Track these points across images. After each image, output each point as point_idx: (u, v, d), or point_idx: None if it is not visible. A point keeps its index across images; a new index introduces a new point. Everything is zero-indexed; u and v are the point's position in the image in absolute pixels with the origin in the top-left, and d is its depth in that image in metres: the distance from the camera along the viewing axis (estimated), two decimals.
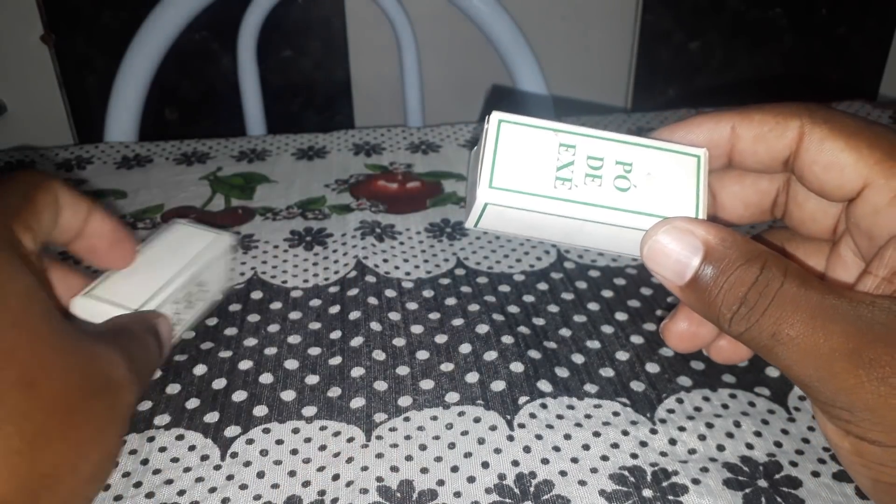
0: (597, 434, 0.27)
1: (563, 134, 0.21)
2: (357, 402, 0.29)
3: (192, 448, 0.27)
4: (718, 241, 0.20)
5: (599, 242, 0.22)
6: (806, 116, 0.22)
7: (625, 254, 0.22)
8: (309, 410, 0.29)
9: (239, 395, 0.29)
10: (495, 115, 0.21)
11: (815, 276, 0.20)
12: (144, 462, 0.26)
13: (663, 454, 0.26)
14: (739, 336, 0.20)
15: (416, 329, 0.33)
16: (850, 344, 0.18)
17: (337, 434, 0.27)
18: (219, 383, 0.30)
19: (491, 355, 0.31)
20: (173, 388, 0.30)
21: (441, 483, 0.25)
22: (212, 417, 0.28)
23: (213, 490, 0.25)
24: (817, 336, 0.18)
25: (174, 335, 0.29)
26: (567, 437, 0.27)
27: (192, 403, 0.29)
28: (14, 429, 0.18)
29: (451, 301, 0.35)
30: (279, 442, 0.27)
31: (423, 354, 0.31)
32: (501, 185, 0.20)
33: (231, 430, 0.28)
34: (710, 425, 0.28)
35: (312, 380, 0.30)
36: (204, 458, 0.26)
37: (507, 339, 0.32)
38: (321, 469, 0.26)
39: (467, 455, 0.26)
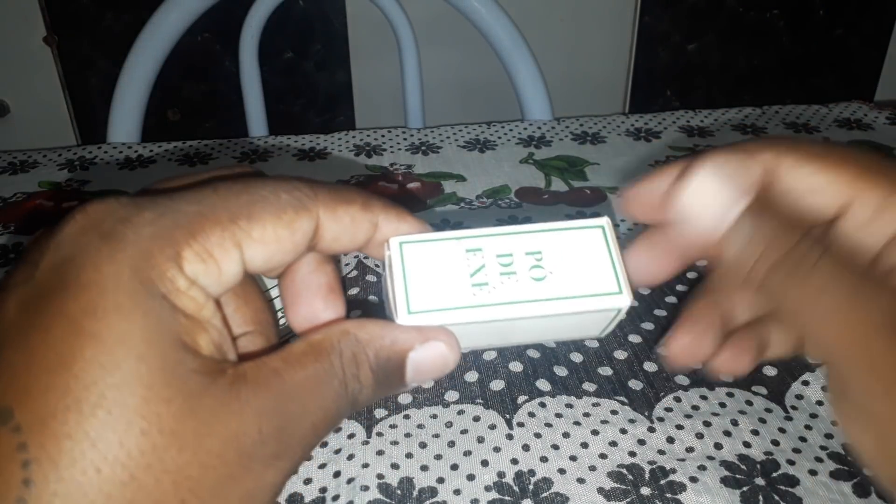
0: (595, 432, 0.27)
1: (466, 240, 0.21)
2: None
3: None
4: (763, 193, 0.20)
5: (534, 335, 0.22)
6: (770, 149, 0.22)
7: (564, 339, 0.22)
8: None
9: None
10: (394, 239, 0.21)
11: (854, 255, 0.20)
12: None
13: (661, 452, 0.26)
14: (775, 292, 0.19)
15: None
16: (891, 319, 0.18)
17: (338, 430, 0.28)
18: None
19: (490, 354, 0.31)
20: None
21: (441, 481, 0.25)
22: None
23: None
24: (858, 311, 0.18)
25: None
26: (566, 435, 0.27)
27: None
28: None
29: None
30: None
31: None
32: (420, 309, 0.20)
33: None
34: (707, 424, 0.28)
35: None
36: None
37: None
38: (322, 466, 0.26)
39: (467, 453, 0.27)
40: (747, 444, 0.27)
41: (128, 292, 0.17)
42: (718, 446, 0.27)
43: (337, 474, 0.26)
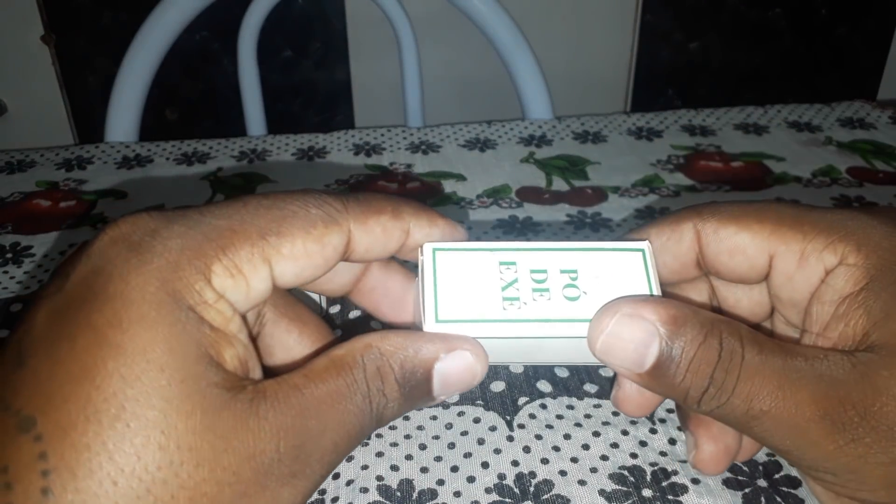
0: (596, 434, 0.27)
1: (501, 252, 0.20)
2: None
3: None
4: (671, 321, 0.19)
5: (562, 356, 0.22)
6: (695, 216, 0.22)
7: (591, 363, 0.21)
8: None
9: None
10: (428, 246, 0.20)
11: (766, 336, 0.20)
12: None
13: (663, 454, 0.26)
14: (710, 413, 0.20)
15: None
16: (820, 409, 0.18)
17: None
18: None
19: None
20: None
21: (441, 482, 0.25)
22: None
23: None
24: (788, 406, 0.18)
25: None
26: (567, 436, 0.27)
27: None
28: None
29: None
30: None
31: None
32: (448, 318, 0.20)
33: None
34: None
35: None
36: None
37: None
38: None
39: (467, 455, 0.26)
40: None
41: (154, 303, 0.17)
42: None
43: (336, 476, 0.25)
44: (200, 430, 0.16)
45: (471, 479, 0.25)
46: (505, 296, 0.20)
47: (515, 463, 0.26)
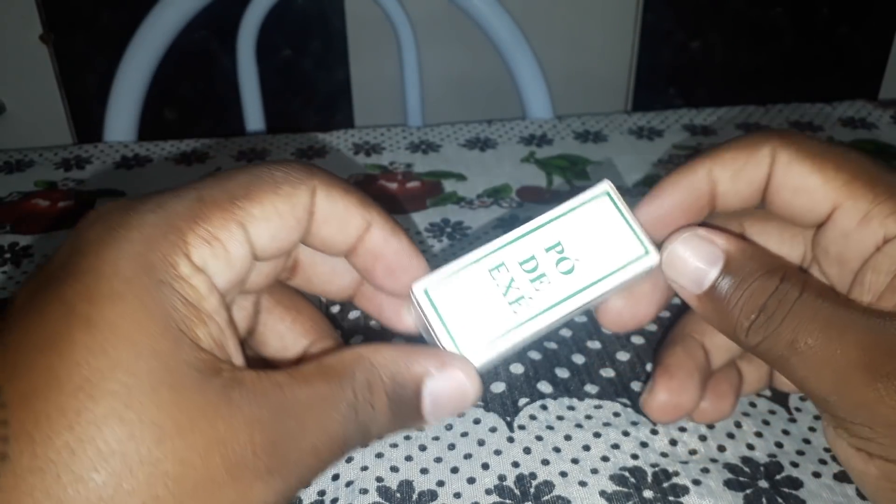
0: (597, 435, 0.27)
1: (484, 260, 0.20)
2: None
3: None
4: (738, 252, 0.20)
5: (568, 319, 0.22)
6: (776, 140, 0.21)
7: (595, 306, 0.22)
8: None
9: None
10: (417, 287, 0.20)
11: (831, 289, 0.20)
12: None
13: (664, 455, 0.26)
14: (756, 347, 0.20)
15: None
16: (866, 356, 0.18)
17: None
18: None
19: None
20: None
21: (441, 484, 0.25)
22: None
23: None
24: (833, 346, 0.18)
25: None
26: (567, 437, 0.27)
27: None
28: None
29: None
30: None
31: None
32: (469, 347, 0.20)
33: None
34: (710, 426, 0.27)
35: None
36: None
37: None
38: None
39: (467, 456, 0.26)
40: (751, 447, 0.27)
41: (125, 278, 0.17)
42: (722, 448, 0.26)
43: (335, 477, 0.25)
44: (166, 406, 0.16)
45: (471, 481, 0.25)
46: (509, 300, 0.20)
47: (516, 464, 0.26)
